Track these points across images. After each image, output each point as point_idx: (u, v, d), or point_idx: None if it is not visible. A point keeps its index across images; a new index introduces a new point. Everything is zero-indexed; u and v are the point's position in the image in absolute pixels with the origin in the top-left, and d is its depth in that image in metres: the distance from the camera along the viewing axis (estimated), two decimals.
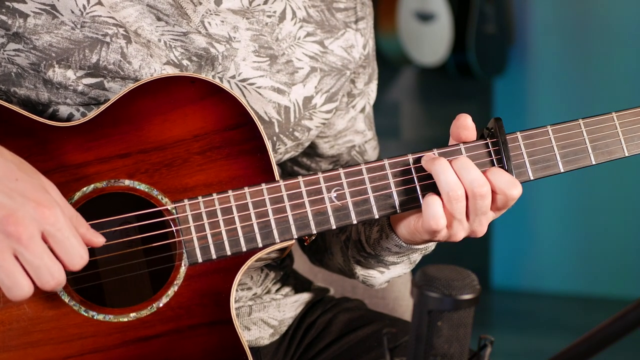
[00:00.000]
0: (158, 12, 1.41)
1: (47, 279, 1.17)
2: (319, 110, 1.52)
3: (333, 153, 1.62)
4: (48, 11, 1.36)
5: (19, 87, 1.36)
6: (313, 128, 1.53)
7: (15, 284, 1.16)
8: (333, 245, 1.59)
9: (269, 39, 1.47)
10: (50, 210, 1.18)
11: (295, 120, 1.49)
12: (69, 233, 1.19)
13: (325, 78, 1.52)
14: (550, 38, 5.96)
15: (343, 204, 1.33)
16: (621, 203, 5.72)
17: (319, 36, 1.52)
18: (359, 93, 1.61)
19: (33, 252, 1.16)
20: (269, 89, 1.46)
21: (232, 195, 1.30)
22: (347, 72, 1.55)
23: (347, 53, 1.55)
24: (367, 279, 1.55)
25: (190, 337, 1.29)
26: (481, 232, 1.35)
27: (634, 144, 1.41)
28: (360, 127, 1.63)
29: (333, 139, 1.60)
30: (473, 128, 1.37)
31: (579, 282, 5.86)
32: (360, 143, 1.63)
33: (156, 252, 1.31)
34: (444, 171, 1.31)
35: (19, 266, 1.16)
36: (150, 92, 1.32)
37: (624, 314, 0.99)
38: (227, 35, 1.44)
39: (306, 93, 1.50)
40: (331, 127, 1.59)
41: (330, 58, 1.53)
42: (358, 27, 1.56)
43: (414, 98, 5.58)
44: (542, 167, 1.38)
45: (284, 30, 1.49)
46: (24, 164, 1.22)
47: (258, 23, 1.47)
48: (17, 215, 1.15)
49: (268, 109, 1.46)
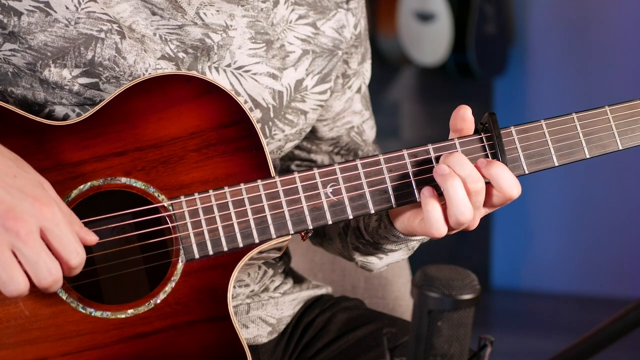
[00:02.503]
0: (152, 7, 1.41)
1: (44, 275, 1.17)
2: (311, 92, 1.52)
3: (333, 135, 1.62)
4: (41, 9, 1.36)
5: (16, 86, 1.36)
6: (309, 111, 1.53)
7: (11, 278, 1.16)
8: (331, 231, 1.60)
9: (264, 25, 1.48)
10: (48, 206, 1.18)
11: (286, 104, 1.49)
12: (66, 229, 1.19)
13: (316, 59, 1.52)
14: (550, 38, 5.96)
15: (339, 199, 1.34)
16: (621, 203, 5.72)
17: (311, 18, 1.52)
18: (353, 73, 1.61)
19: (31, 247, 1.16)
20: (265, 75, 1.47)
21: (228, 192, 1.31)
22: (338, 52, 1.55)
23: (338, 34, 1.55)
24: (365, 265, 1.56)
25: (188, 333, 1.29)
26: (473, 226, 1.35)
27: (628, 137, 1.41)
28: (358, 108, 1.63)
29: (332, 121, 1.61)
30: (471, 121, 1.37)
31: (579, 282, 5.86)
32: (358, 124, 1.64)
33: (153, 249, 1.32)
34: (457, 193, 1.30)
35: (16, 261, 1.16)
36: (146, 91, 1.33)
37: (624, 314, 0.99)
38: (223, 24, 1.44)
39: (298, 76, 1.50)
40: (329, 110, 1.59)
41: (321, 39, 1.53)
42: (349, 7, 1.57)
43: (414, 98, 5.58)
44: (537, 161, 1.38)
45: (278, 14, 1.49)
46: (21, 161, 1.23)
47: (253, 9, 1.47)
48: (16, 210, 1.16)
49: (265, 94, 1.47)
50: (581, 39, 5.85)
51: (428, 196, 1.32)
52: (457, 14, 5.60)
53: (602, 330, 1.00)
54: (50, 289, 1.20)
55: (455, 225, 1.31)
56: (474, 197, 1.31)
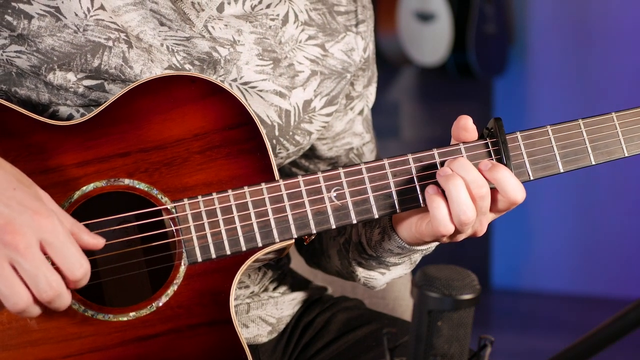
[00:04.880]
0: (161, 17, 1.41)
1: (44, 288, 1.15)
2: (319, 114, 1.52)
3: (331, 155, 1.62)
4: (52, 13, 1.36)
5: (20, 87, 1.36)
6: (314, 132, 1.53)
7: (13, 292, 1.15)
8: (330, 248, 1.59)
9: (272, 42, 1.47)
10: (48, 219, 1.17)
11: (294, 124, 1.49)
12: (67, 241, 1.18)
13: (325, 81, 1.52)
14: (550, 38, 5.96)
15: (343, 203, 1.33)
16: (621, 203, 5.73)
17: (320, 39, 1.52)
18: (357, 95, 1.60)
19: (31, 261, 1.15)
20: (271, 92, 1.46)
21: (231, 195, 1.30)
22: (347, 75, 1.55)
23: (347, 56, 1.54)
24: (368, 281, 1.55)
25: (190, 336, 1.29)
26: (481, 232, 1.35)
27: (634, 144, 1.41)
28: (359, 130, 1.63)
29: (331, 140, 1.60)
30: (474, 130, 1.36)
31: (579, 282, 5.86)
32: (358, 145, 1.63)
33: (156, 252, 1.31)
34: (459, 193, 1.30)
35: (17, 275, 1.15)
36: (150, 92, 1.32)
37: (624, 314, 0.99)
38: (231, 39, 1.44)
39: (306, 97, 1.49)
40: (329, 129, 1.59)
41: (330, 61, 1.52)
42: (359, 30, 1.56)
43: (414, 98, 5.58)
44: (542, 167, 1.38)
45: (286, 33, 1.49)
46: (21, 175, 1.22)
47: (262, 26, 1.47)
48: (15, 223, 1.15)
49: (270, 112, 1.46)
50: (581, 39, 5.85)
51: (433, 194, 1.32)
52: (457, 14, 5.60)
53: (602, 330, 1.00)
54: (53, 303, 1.18)
55: (459, 226, 1.31)
56: (480, 202, 1.31)
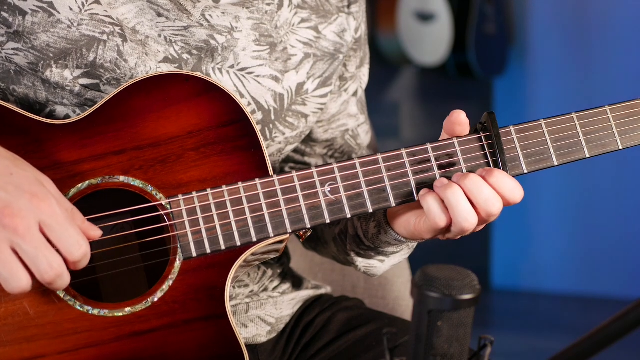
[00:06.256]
0: (159, 8, 1.41)
1: (45, 269, 1.17)
2: (312, 96, 1.53)
3: (327, 137, 1.62)
4: (45, 9, 1.36)
5: (18, 84, 1.37)
6: (309, 114, 1.53)
7: (13, 275, 1.16)
8: (326, 235, 1.60)
9: (268, 27, 1.48)
10: (46, 202, 1.18)
11: (287, 107, 1.49)
12: (66, 223, 1.19)
13: (318, 63, 1.53)
14: (550, 38, 5.96)
15: (337, 198, 1.34)
16: (621, 203, 5.72)
17: (313, 22, 1.52)
18: (350, 76, 1.61)
19: (30, 243, 1.16)
20: (267, 77, 1.47)
21: (226, 190, 1.31)
22: (340, 56, 1.56)
23: (339, 37, 1.55)
24: (368, 269, 1.56)
25: (185, 331, 1.29)
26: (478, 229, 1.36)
27: (628, 136, 1.41)
28: (353, 111, 1.63)
29: (327, 123, 1.61)
30: (467, 123, 1.37)
31: (579, 282, 5.86)
32: (353, 127, 1.64)
33: (151, 247, 1.32)
34: (459, 202, 1.30)
35: (17, 258, 1.16)
36: (144, 90, 1.33)
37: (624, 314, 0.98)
38: (229, 26, 1.45)
39: (299, 79, 1.50)
40: (324, 112, 1.59)
41: (323, 43, 1.53)
42: (351, 11, 1.57)
43: (414, 98, 5.58)
44: (536, 161, 1.38)
45: (282, 17, 1.50)
46: (19, 160, 1.23)
47: (258, 12, 1.48)
48: (13, 207, 1.16)
49: (267, 97, 1.47)
50: (581, 39, 5.85)
51: (424, 194, 1.33)
52: (457, 14, 5.61)
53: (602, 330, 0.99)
54: (54, 284, 1.19)
55: (461, 233, 1.33)
56: (493, 218, 1.32)
